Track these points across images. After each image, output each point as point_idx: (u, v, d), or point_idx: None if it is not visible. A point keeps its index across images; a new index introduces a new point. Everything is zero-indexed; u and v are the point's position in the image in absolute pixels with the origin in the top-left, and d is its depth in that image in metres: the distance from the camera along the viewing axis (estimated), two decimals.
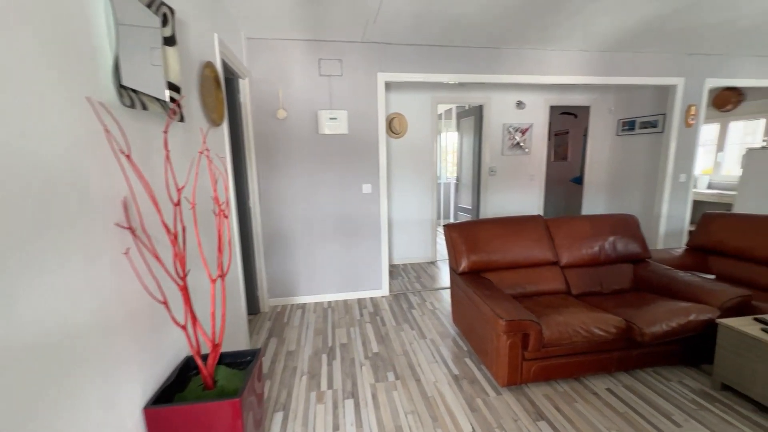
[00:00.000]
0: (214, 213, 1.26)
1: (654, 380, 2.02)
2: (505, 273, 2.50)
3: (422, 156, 4.29)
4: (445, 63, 3.17)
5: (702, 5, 2.43)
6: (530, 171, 4.60)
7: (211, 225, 1.65)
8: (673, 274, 2.40)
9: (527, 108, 4.44)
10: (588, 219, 2.71)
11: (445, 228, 2.59)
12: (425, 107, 4.21)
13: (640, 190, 4.34)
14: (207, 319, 1.54)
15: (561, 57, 3.35)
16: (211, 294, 1.15)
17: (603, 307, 2.20)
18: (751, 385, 1.76)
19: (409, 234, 4.44)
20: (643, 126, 4.21)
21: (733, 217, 2.77)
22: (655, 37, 3.06)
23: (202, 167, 1.58)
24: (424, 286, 3.66)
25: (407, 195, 4.35)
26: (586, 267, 2.60)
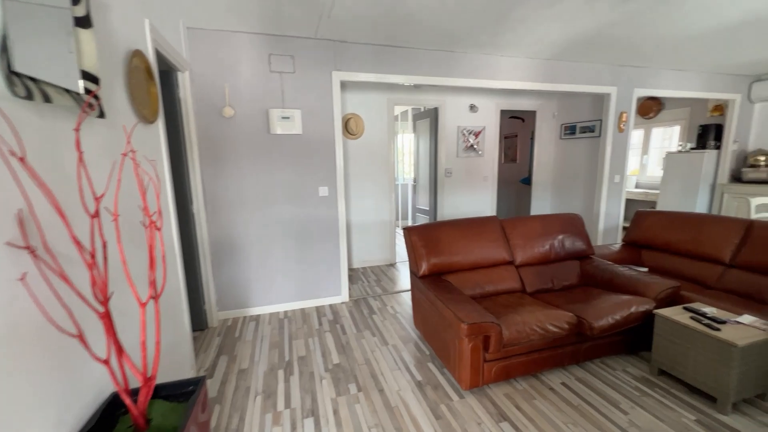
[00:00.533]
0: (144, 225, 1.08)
1: (602, 370, 2.14)
2: (465, 274, 2.52)
3: (380, 157, 4.25)
4: (401, 64, 3.14)
5: (629, 23, 2.65)
6: (484, 172, 4.75)
7: (144, 238, 1.44)
8: (614, 269, 2.58)
9: (480, 111, 4.58)
10: (539, 219, 2.83)
11: (405, 231, 2.55)
12: (382, 108, 4.17)
13: (581, 190, 4.67)
14: (139, 347, 1.34)
15: (511, 63, 3.48)
16: (141, 320, 0.98)
17: (555, 304, 2.30)
18: (684, 369, 1.92)
19: (368, 237, 4.37)
20: (582, 131, 4.54)
21: (661, 215, 3.05)
22: (592, 49, 3.29)
23: (130, 172, 1.37)
24: (385, 290, 3.61)
25: (365, 197, 4.28)
26: (538, 265, 2.71)
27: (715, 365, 1.78)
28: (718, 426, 1.67)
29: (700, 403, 1.83)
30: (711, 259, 2.62)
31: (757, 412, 1.76)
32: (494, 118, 4.67)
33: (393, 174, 4.32)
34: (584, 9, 2.42)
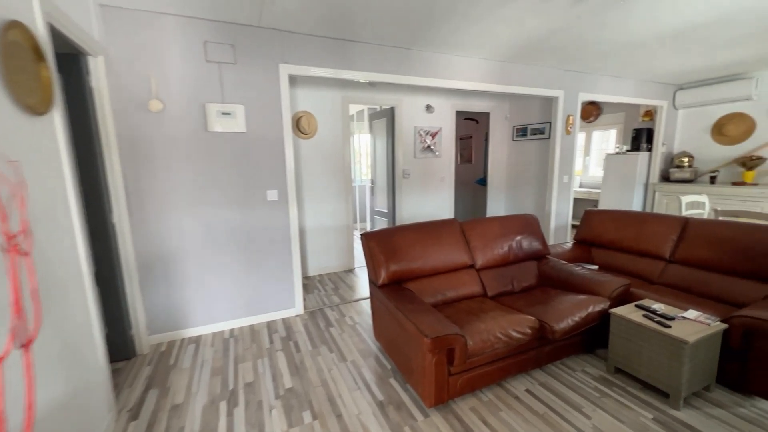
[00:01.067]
0: (4, 250, 0.79)
1: (563, 372, 2.13)
2: (426, 281, 2.41)
3: (335, 158, 4.03)
4: (356, 60, 2.97)
5: (575, 29, 2.71)
6: (441, 173, 4.73)
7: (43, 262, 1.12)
8: (569, 269, 2.62)
9: (436, 112, 4.55)
10: (497, 220, 2.81)
11: (363, 238, 2.38)
12: (336, 107, 3.96)
13: (533, 190, 4.82)
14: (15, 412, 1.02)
15: (466, 63, 3.46)
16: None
17: (517, 308, 2.26)
18: (638, 366, 1.96)
19: (324, 242, 4.13)
20: (533, 132, 4.68)
21: (607, 214, 3.19)
22: (541, 53, 3.36)
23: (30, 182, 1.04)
24: (343, 299, 3.41)
25: (320, 200, 4.04)
26: (498, 267, 2.68)
27: (667, 362, 1.82)
28: (673, 423, 1.70)
29: (655, 400, 1.87)
30: (653, 255, 2.76)
31: (704, 404, 1.83)
32: (450, 118, 4.66)
33: (349, 175, 4.13)
34: (533, 12, 2.41)
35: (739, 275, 2.30)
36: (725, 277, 2.35)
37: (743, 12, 2.53)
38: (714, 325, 1.85)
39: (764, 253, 2.20)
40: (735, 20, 2.67)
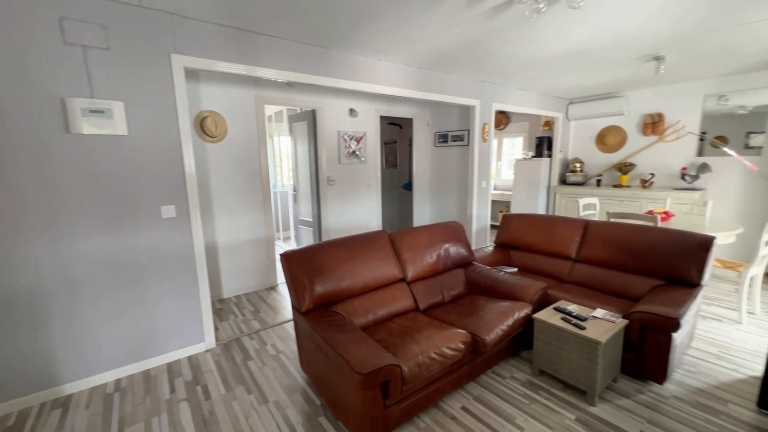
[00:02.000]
0: None
1: (494, 381, 2.15)
2: (357, 300, 2.23)
3: (250, 163, 3.61)
4: (269, 56, 2.64)
5: (488, 43, 2.82)
6: (367, 179, 4.61)
7: None
8: (494, 275, 2.69)
9: (360, 116, 4.40)
10: (425, 230, 2.76)
11: (283, 259, 2.09)
12: (249, 107, 3.54)
13: (456, 194, 5.00)
14: None
15: (389, 68, 3.37)
16: None
17: (449, 321, 2.22)
18: (560, 367, 2.06)
19: (241, 259, 3.67)
20: (453, 139, 4.85)
21: (522, 218, 3.40)
22: (459, 62, 3.45)
23: None
24: (264, 323, 3.03)
25: (234, 211, 3.58)
26: (428, 278, 2.63)
27: (583, 362, 1.93)
28: (592, 421, 1.81)
29: (574, 398, 1.98)
30: (562, 256, 3.01)
31: (614, 396, 1.99)
32: (374, 123, 4.57)
33: (268, 182, 3.74)
34: (453, 21, 2.41)
35: (630, 271, 2.61)
36: (620, 273, 2.66)
37: (617, 43, 2.89)
38: (618, 322, 2.03)
39: (648, 251, 2.53)
40: (612, 48, 3.05)
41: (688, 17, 2.43)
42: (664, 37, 2.81)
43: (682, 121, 4.64)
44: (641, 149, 5.07)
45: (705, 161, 4.46)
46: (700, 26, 2.60)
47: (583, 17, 2.39)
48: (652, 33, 2.72)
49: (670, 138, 4.78)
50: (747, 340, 2.57)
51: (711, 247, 2.31)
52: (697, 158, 4.56)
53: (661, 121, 4.82)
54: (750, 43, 2.99)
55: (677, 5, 2.23)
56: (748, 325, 2.79)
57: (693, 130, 4.56)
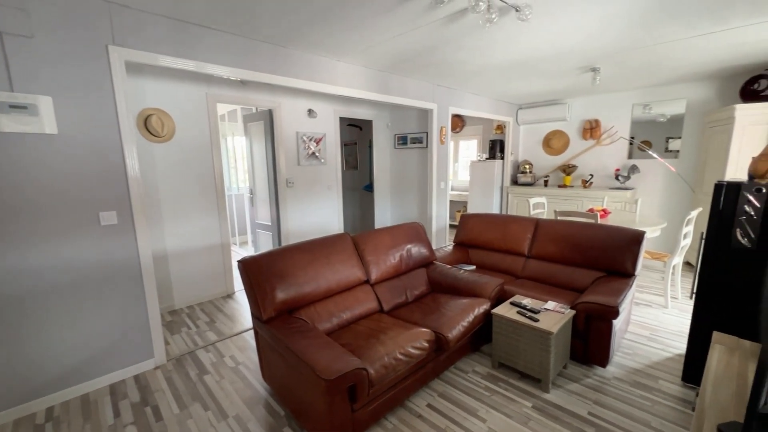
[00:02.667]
0: None
1: (457, 377, 2.23)
2: (321, 305, 2.19)
3: (202, 165, 3.40)
4: (220, 52, 2.51)
5: (443, 49, 2.92)
6: (328, 181, 4.54)
7: None
8: (454, 273, 2.78)
9: (319, 117, 4.33)
10: (387, 231, 2.79)
11: (241, 266, 2.00)
12: (199, 105, 3.34)
13: (415, 196, 5.10)
14: None
15: (348, 70, 3.36)
16: None
17: (413, 320, 2.25)
18: (516, 358, 2.18)
19: (193, 266, 3.45)
20: (413, 141, 4.95)
21: (478, 218, 3.55)
22: (417, 66, 3.53)
23: None
24: (221, 334, 2.87)
25: (185, 216, 3.35)
26: (392, 279, 2.65)
27: (538, 352, 2.06)
28: (546, 406, 1.94)
29: (530, 386, 2.11)
30: (516, 253, 3.19)
31: (565, 381, 2.15)
32: (334, 124, 4.52)
33: (222, 185, 3.55)
34: (410, 26, 2.47)
35: (576, 265, 2.84)
36: (567, 267, 2.87)
37: (559, 54, 3.13)
38: (567, 313, 2.19)
39: (590, 246, 2.76)
40: (554, 59, 3.29)
41: (620, 35, 2.69)
42: (599, 51, 3.09)
43: (615, 126, 5.13)
44: (582, 152, 5.52)
45: (635, 163, 4.98)
46: (630, 42, 2.89)
47: (529, 29, 2.55)
48: (589, 47, 2.98)
49: (605, 142, 5.27)
50: (672, 322, 2.91)
51: (642, 240, 2.58)
52: (628, 161, 5.07)
53: (597, 126, 5.29)
54: (666, 59, 3.39)
55: (611, 24, 2.47)
56: (672, 308, 3.16)
57: (624, 135, 5.06)
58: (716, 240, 1.90)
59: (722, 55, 3.28)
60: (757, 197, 1.75)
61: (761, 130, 3.51)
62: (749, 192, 1.77)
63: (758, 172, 1.83)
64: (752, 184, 1.77)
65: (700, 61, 3.50)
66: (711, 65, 3.67)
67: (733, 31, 2.69)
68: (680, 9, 2.27)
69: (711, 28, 2.63)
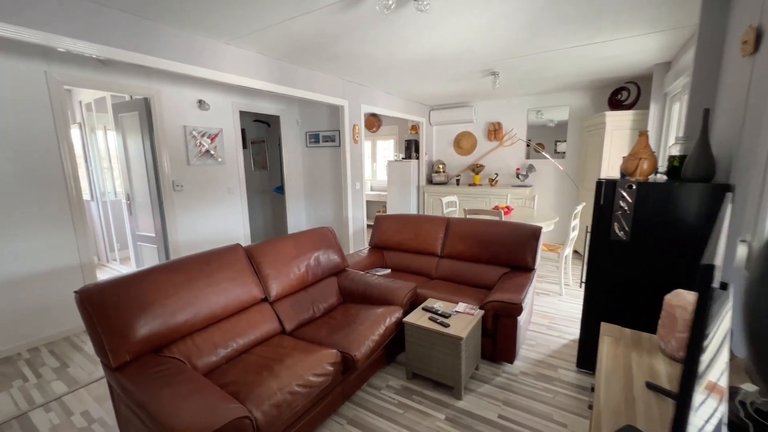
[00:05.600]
0: None
1: (369, 396, 2.03)
2: (200, 336, 1.79)
3: (44, 165, 2.64)
4: (62, 18, 1.91)
5: (345, 39, 2.73)
6: (228, 183, 3.99)
7: None
8: (366, 279, 2.60)
9: (213, 110, 3.77)
10: (291, 239, 2.48)
11: (78, 299, 1.50)
12: (38, 86, 2.58)
13: (330, 198, 4.83)
14: None
15: (241, 55, 2.93)
16: None
17: (318, 340, 1.99)
18: (429, 367, 2.08)
19: (38, 297, 2.65)
20: (325, 140, 4.66)
21: (392, 219, 3.44)
22: (321, 58, 3.27)
23: None
24: (74, 382, 2.23)
25: (21, 233, 2.56)
26: (296, 293, 2.35)
27: (449, 358, 1.98)
28: (459, 416, 1.86)
29: (444, 395, 2.02)
30: (429, 253, 3.15)
31: (477, 384, 2.11)
32: (232, 119, 3.99)
33: (78, 190, 2.81)
34: (298, 7, 2.20)
35: (483, 262, 2.89)
36: (476, 265, 2.91)
37: (460, 55, 3.19)
38: (477, 314, 2.16)
39: (495, 243, 2.83)
40: (456, 60, 3.35)
41: (510, 39, 2.81)
42: (494, 54, 3.21)
43: (514, 129, 5.57)
44: (487, 152, 5.88)
45: (531, 163, 5.46)
46: (518, 48, 3.05)
47: (432, 26, 2.49)
48: (485, 49, 3.07)
49: (507, 143, 5.68)
50: (565, 308, 3.16)
51: (539, 236, 2.72)
52: (526, 161, 5.55)
53: (500, 128, 5.68)
54: (549, 69, 3.72)
55: (500, 26, 2.54)
56: (566, 295, 3.46)
57: (522, 137, 5.52)
58: (598, 233, 2.04)
59: (594, 67, 3.71)
60: (629, 193, 1.91)
61: (625, 134, 4.09)
62: (623, 188, 1.93)
63: (628, 169, 2.01)
64: (625, 181, 1.92)
65: (576, 72, 3.92)
66: (585, 77, 4.15)
67: (602, 45, 3.01)
68: (559, 19, 2.43)
69: (584, 41, 2.90)
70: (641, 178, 1.97)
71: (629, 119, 4.04)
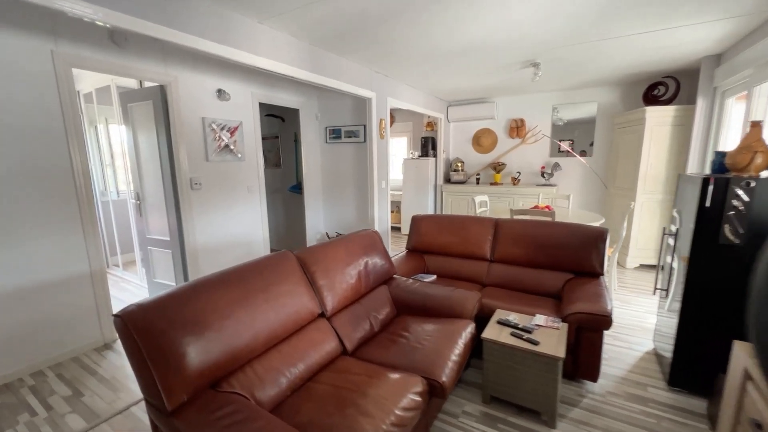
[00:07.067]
0: None
1: (449, 426, 1.77)
2: (259, 363, 1.49)
3: (50, 159, 2.29)
4: None
5: (393, 22, 2.45)
6: (247, 181, 3.66)
7: None
8: (423, 289, 2.32)
9: (233, 101, 3.43)
10: (341, 244, 2.19)
11: (121, 324, 1.19)
12: (42, 70, 2.22)
13: (352, 197, 4.53)
14: None
15: (273, 37, 2.63)
16: None
17: (390, 361, 1.71)
18: (514, 390, 1.82)
19: (42, 310, 2.30)
20: (347, 135, 4.36)
21: (432, 219, 3.17)
22: (356, 44, 2.98)
23: None
24: (93, 415, 1.89)
25: (24, 237, 2.20)
26: (351, 305, 2.07)
27: (541, 380, 1.73)
28: None
29: (532, 422, 1.77)
30: (478, 257, 2.89)
31: (564, 408, 1.87)
32: (252, 111, 3.66)
33: (88, 187, 2.46)
34: None
35: (542, 267, 2.64)
36: (534, 270, 2.66)
37: (508, 44, 2.94)
38: (562, 327, 1.91)
39: (554, 246, 2.59)
40: (502, 50, 3.11)
41: (570, 25, 2.58)
42: (547, 42, 2.98)
43: (539, 126, 5.36)
44: (509, 150, 5.67)
45: (557, 161, 5.27)
46: (578, 35, 2.82)
47: (489, 8, 2.25)
48: (539, 38, 2.85)
49: (530, 141, 5.48)
50: (621, 315, 2.95)
51: (606, 238, 2.49)
52: (551, 159, 5.35)
53: (523, 125, 5.47)
54: (596, 60, 3.50)
55: (563, 11, 2.32)
56: (616, 300, 3.25)
57: (546, 134, 5.32)
58: (702, 236, 1.81)
59: (638, 60, 3.52)
60: (747, 191, 1.69)
61: (665, 131, 3.91)
62: (738, 186, 1.70)
63: (738, 164, 1.78)
64: (741, 178, 1.70)
65: (617, 65, 3.72)
66: (622, 71, 3.96)
67: (661, 33, 2.81)
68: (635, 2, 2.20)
69: (650, 27, 2.69)
70: (754, 173, 1.75)
71: (671, 115, 3.86)
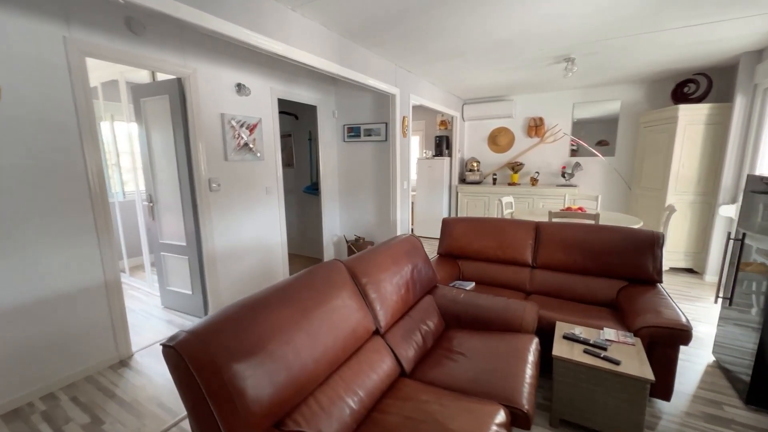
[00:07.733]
0: None
1: None
2: (322, 391, 1.29)
3: (60, 157, 2.06)
4: None
5: (435, 11, 2.27)
6: (266, 182, 3.45)
7: None
8: (473, 300, 2.14)
9: (252, 96, 3.22)
10: (386, 251, 2.00)
11: (174, 355, 0.99)
12: (53, 59, 2.00)
13: (371, 198, 4.33)
14: None
15: (304, 26, 2.43)
16: None
17: (457, 384, 1.53)
18: (591, 414, 1.65)
19: (50, 326, 2.08)
20: (367, 133, 4.17)
21: (465, 222, 2.98)
22: (388, 35, 2.80)
23: None
24: None
25: (30, 245, 1.98)
26: (402, 319, 1.88)
27: (625, 405, 1.56)
28: None
29: None
30: (519, 263, 2.72)
31: None
32: (271, 107, 3.45)
33: (102, 188, 2.24)
34: None
35: (592, 274, 2.48)
36: (582, 277, 2.50)
37: (548, 36, 2.78)
38: (637, 343, 1.75)
39: (604, 252, 2.43)
40: (538, 43, 2.94)
41: (619, 15, 2.42)
42: (588, 35, 2.82)
43: (558, 125, 5.22)
44: (527, 149, 5.51)
45: (578, 161, 5.12)
46: (624, 27, 2.67)
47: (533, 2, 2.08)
48: (580, 30, 2.70)
49: (549, 140, 5.33)
50: None
51: (663, 243, 2.33)
52: (571, 158, 5.21)
53: (542, 124, 5.32)
54: (633, 55, 3.36)
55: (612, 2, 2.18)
56: None
57: (567, 133, 5.18)
58: None
59: (672, 55, 3.40)
60: None
61: (699, 130, 3.77)
62: None
63: None
64: None
65: (650, 61, 3.59)
66: (651, 67, 3.84)
67: (707, 26, 2.66)
68: None
69: (702, 19, 2.54)
70: None
71: (705, 113, 3.72)
